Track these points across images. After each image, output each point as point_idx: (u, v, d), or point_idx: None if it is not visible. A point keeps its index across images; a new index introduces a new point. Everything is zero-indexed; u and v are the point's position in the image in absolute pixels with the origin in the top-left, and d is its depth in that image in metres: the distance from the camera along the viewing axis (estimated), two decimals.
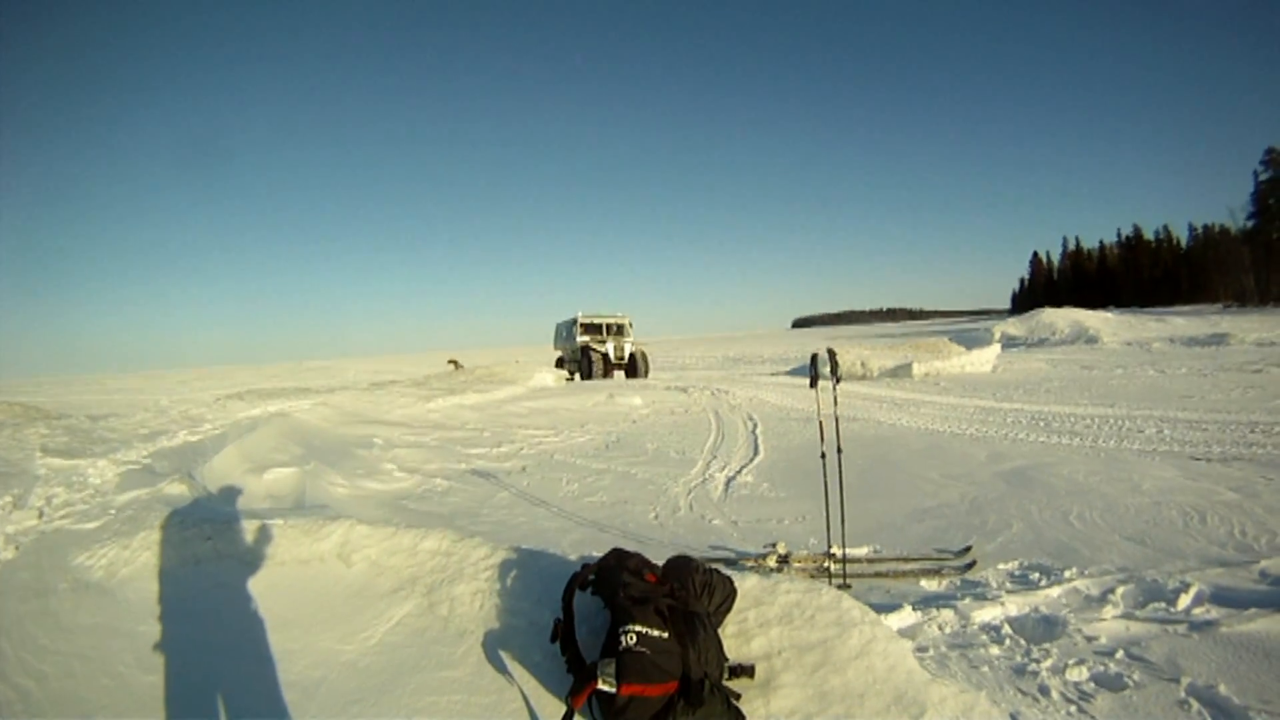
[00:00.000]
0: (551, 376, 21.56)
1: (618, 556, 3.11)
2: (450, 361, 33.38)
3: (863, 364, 20.29)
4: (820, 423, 5.67)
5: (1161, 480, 7.35)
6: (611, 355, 27.99)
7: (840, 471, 5.43)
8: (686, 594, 2.92)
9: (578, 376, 27.61)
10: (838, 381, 5.89)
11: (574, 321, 29.34)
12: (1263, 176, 71.08)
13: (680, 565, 3.09)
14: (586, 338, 28.51)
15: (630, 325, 29.84)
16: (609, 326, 29.29)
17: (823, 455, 5.48)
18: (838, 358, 6.07)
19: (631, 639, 2.61)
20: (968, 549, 5.63)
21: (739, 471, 8.99)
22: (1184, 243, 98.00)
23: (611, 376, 26.65)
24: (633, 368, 28.14)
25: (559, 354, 31.77)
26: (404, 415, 13.47)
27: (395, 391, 16.17)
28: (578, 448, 10.92)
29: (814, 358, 5.84)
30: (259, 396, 14.48)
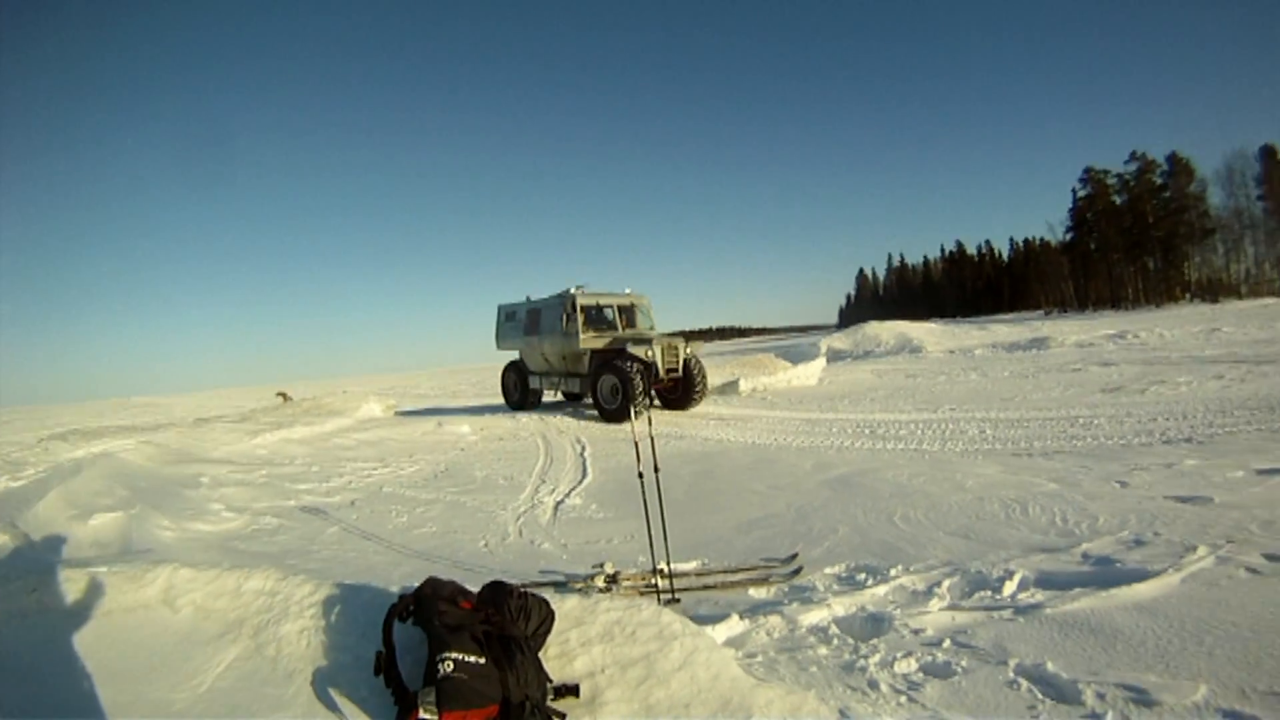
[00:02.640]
0: (379, 406, 20.43)
1: (433, 585, 3.28)
2: (279, 394, 32.19)
3: None
4: (636, 444, 5.92)
5: (984, 477, 8.04)
6: (661, 366, 16.75)
7: (659, 489, 5.80)
8: (503, 619, 3.13)
9: (546, 396, 20.74)
10: (651, 402, 6.12)
11: (560, 303, 18.22)
12: (1081, 193, 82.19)
13: (495, 591, 3.31)
14: (595, 335, 17.85)
15: (652, 311, 19.95)
16: (620, 313, 18.85)
17: (640, 475, 5.66)
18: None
19: (449, 666, 2.76)
20: (794, 556, 5.92)
21: (568, 494, 9.34)
22: (1005, 255, 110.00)
23: (652, 405, 17.02)
24: (686, 388, 17.29)
25: (512, 361, 21.03)
26: (231, 452, 13.27)
27: (222, 427, 15.54)
28: (407, 479, 11.07)
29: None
30: (83, 437, 13.57)
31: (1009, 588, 4.68)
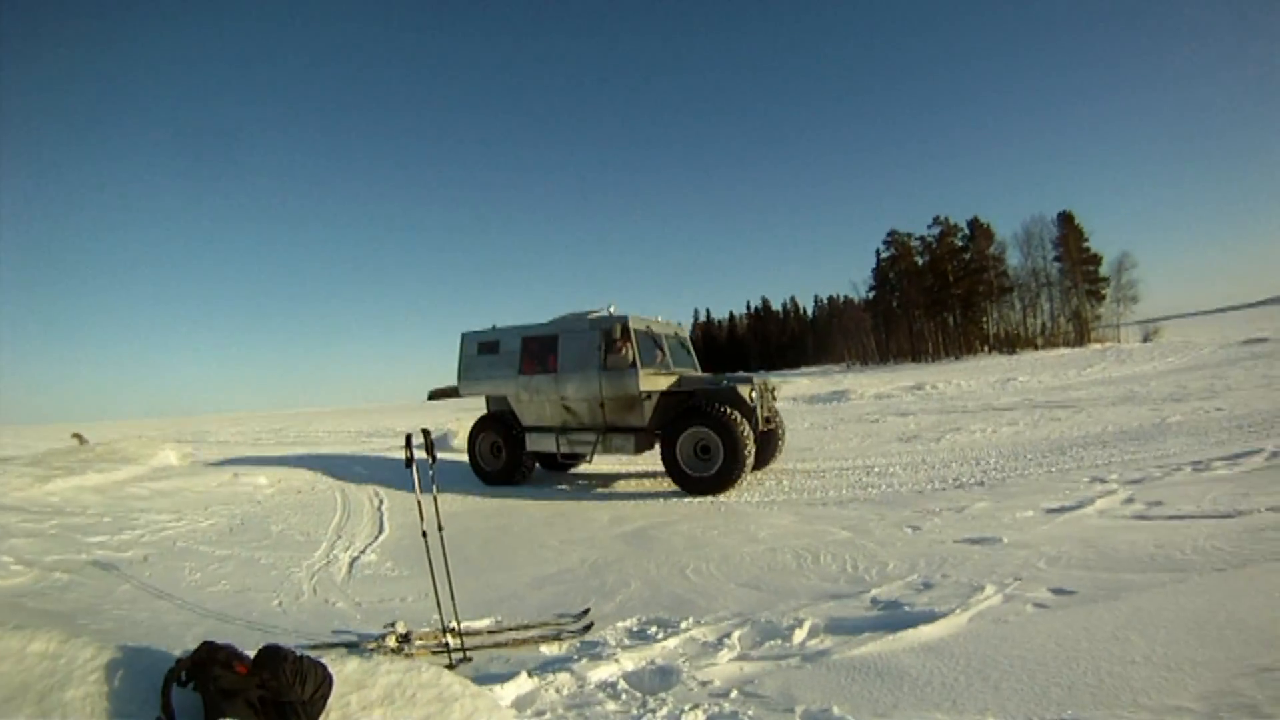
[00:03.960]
0: (175, 454, 18.84)
1: (208, 650, 3.24)
2: (74, 435, 29.22)
3: None
4: (419, 502, 5.87)
5: (778, 527, 8.34)
6: (760, 413, 13.55)
7: (444, 546, 5.79)
8: (279, 683, 3.11)
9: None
10: (434, 461, 5.97)
11: (594, 329, 13.66)
12: (885, 254, 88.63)
13: (271, 655, 3.26)
14: (651, 373, 13.47)
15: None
16: (665, 343, 14.87)
17: (424, 534, 5.70)
18: (463, 430, 6.12)
19: None
20: (586, 611, 5.99)
21: (364, 550, 9.24)
22: (810, 312, 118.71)
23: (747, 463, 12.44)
24: (771, 440, 14.32)
25: (490, 414, 15.53)
26: (20, 499, 12.48)
27: (12, 471, 14.18)
28: (201, 533, 10.66)
29: (408, 438, 5.88)
30: None
31: (798, 636, 4.83)
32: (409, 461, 5.78)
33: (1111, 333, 70.63)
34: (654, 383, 13.19)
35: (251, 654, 3.31)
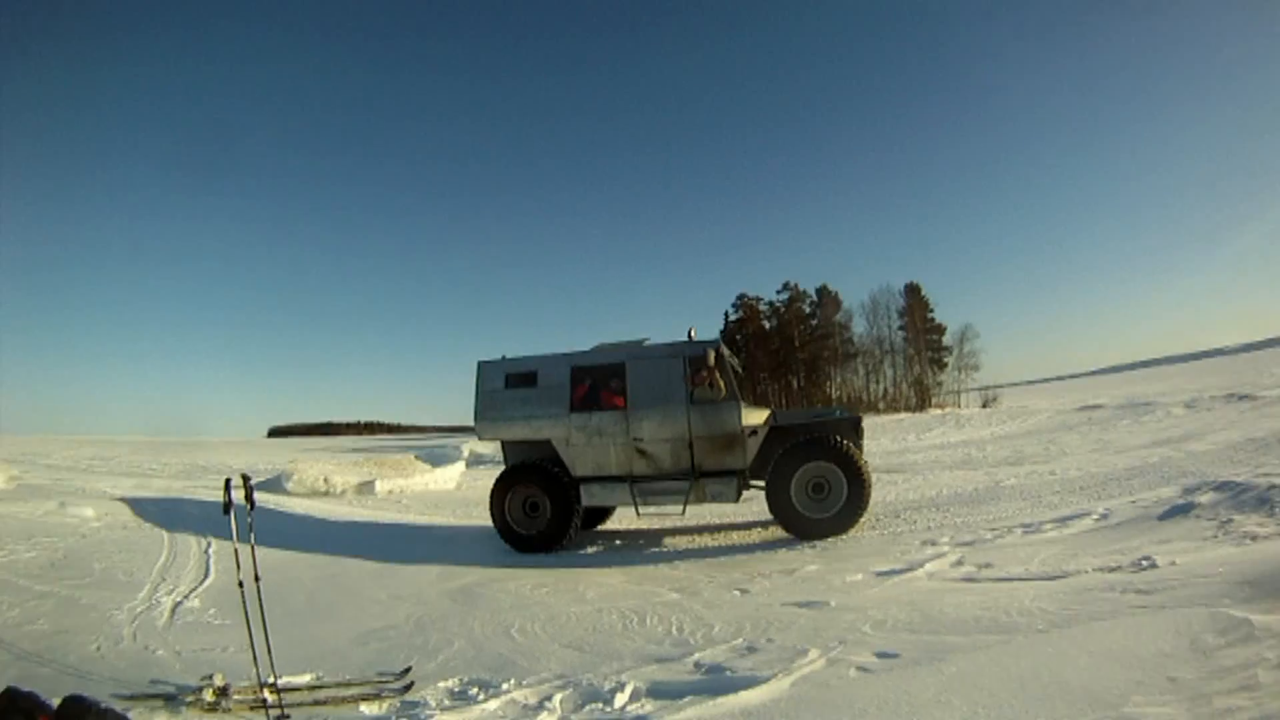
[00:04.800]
0: (3, 476, 17.43)
1: (9, 698, 3.10)
2: None
3: (326, 480, 20.22)
4: (235, 550, 5.63)
5: (607, 587, 8.26)
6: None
7: (260, 598, 5.54)
8: None
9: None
10: (251, 508, 5.68)
11: (677, 356, 11.99)
12: (733, 316, 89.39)
13: (75, 706, 3.15)
14: (752, 409, 12.58)
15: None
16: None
17: (240, 584, 5.45)
18: (301, 472, 5.87)
19: None
20: (407, 670, 5.80)
21: (187, 596, 8.86)
22: None
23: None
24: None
25: (522, 464, 12.53)
26: None
27: None
28: (22, 565, 10.14)
29: (227, 482, 5.61)
30: None
31: (619, 700, 4.71)
32: (227, 507, 5.53)
33: (952, 399, 74.18)
34: (754, 416, 11.92)
35: (56, 703, 3.12)
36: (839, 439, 11.10)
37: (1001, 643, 5.09)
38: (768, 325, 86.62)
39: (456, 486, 22.26)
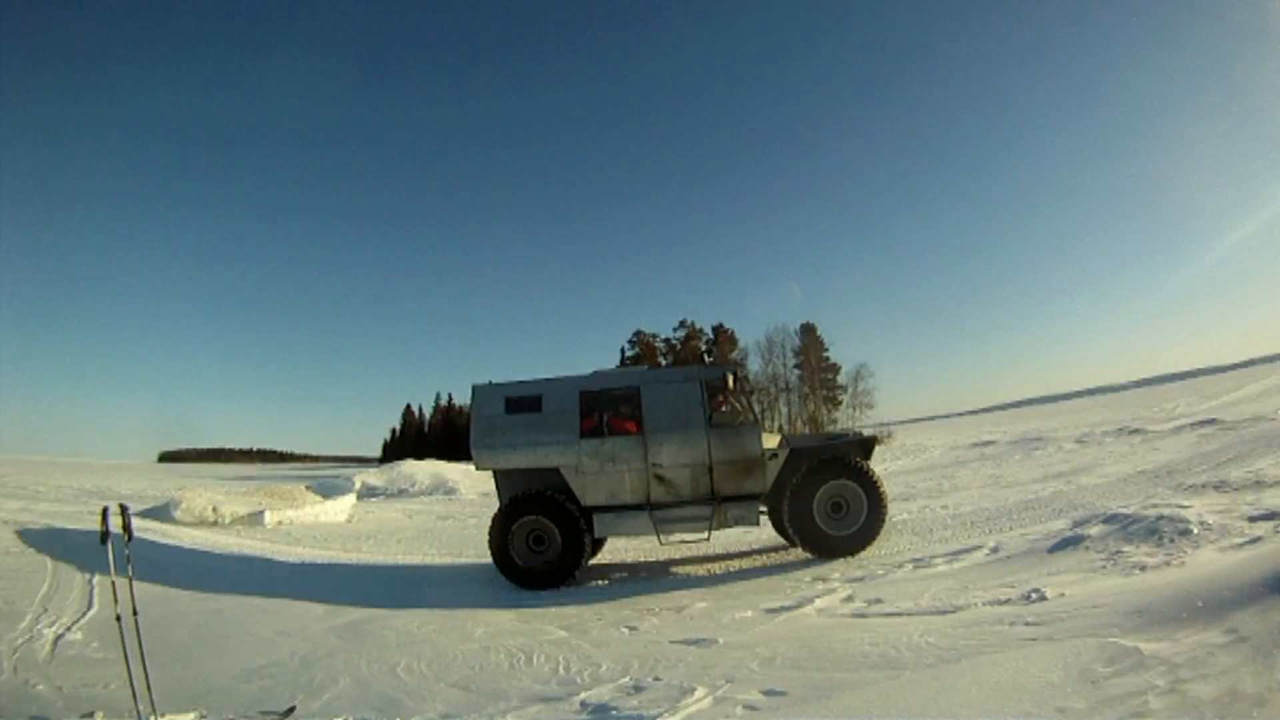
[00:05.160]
0: None
1: None
2: None
3: (215, 509, 19.62)
4: (114, 583, 5.60)
5: (495, 625, 8.13)
6: None
7: (139, 633, 5.39)
8: None
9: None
10: (129, 539, 5.51)
11: (692, 380, 12.07)
12: (629, 353, 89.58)
13: None
14: (769, 433, 13.11)
15: None
16: None
17: (117, 618, 5.30)
18: (189, 500, 5.73)
19: None
20: (292, 710, 5.67)
21: (70, 628, 8.45)
22: None
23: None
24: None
25: (524, 495, 11.70)
26: None
27: None
28: None
29: (104, 511, 5.43)
30: None
31: None
32: (104, 536, 5.35)
33: None
34: (769, 440, 11.81)
35: None
36: (859, 459, 11.33)
37: (889, 678, 5.14)
38: (664, 362, 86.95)
39: (347, 519, 21.86)
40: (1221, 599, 5.26)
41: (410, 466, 40.72)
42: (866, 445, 12.07)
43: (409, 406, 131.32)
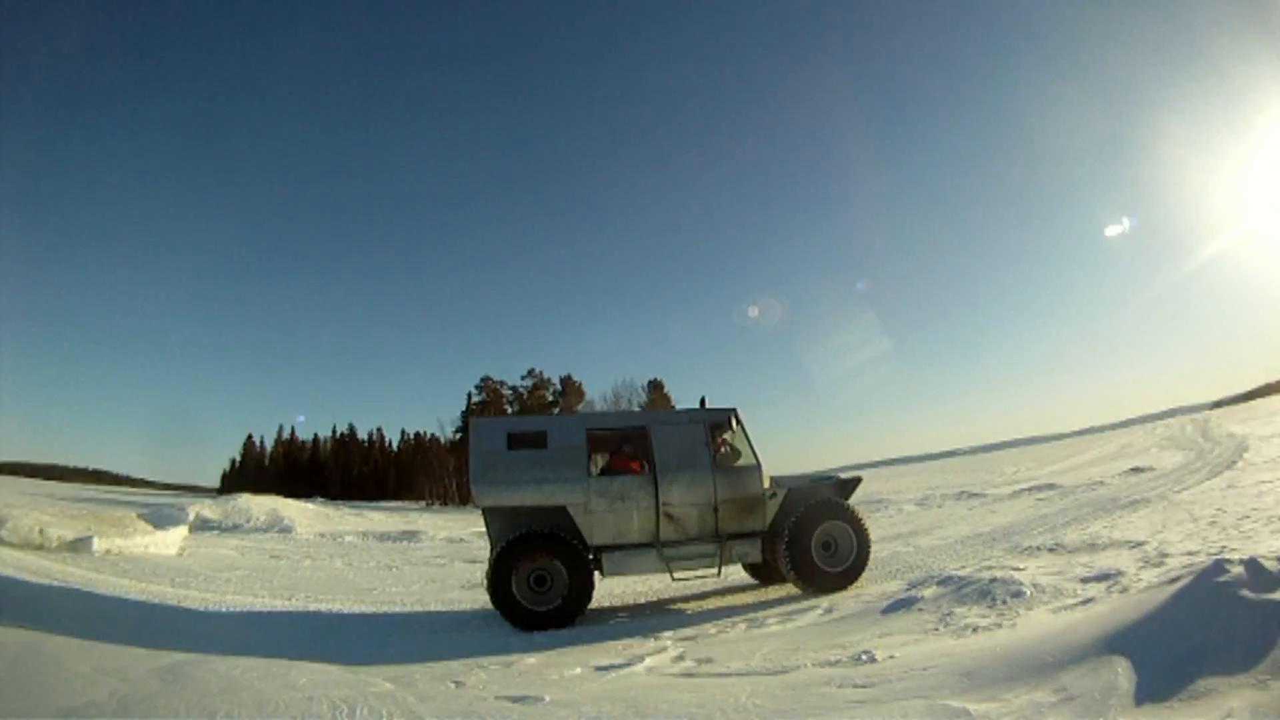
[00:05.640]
0: None
1: None
2: None
3: (42, 531, 18.52)
4: None
5: (319, 674, 7.88)
6: None
7: None
8: None
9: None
10: None
11: (698, 422, 12.64)
12: (476, 398, 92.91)
13: None
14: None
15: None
16: None
17: None
18: (15, 520, 5.48)
19: None
20: None
21: None
22: (395, 445, 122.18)
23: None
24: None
25: (528, 535, 11.41)
26: None
27: None
28: None
29: None
30: None
31: None
32: None
33: None
34: (769, 480, 12.45)
35: None
36: (847, 502, 12.56)
37: None
38: (510, 410, 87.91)
39: (178, 552, 21.02)
40: (1052, 659, 5.52)
41: (247, 500, 39.41)
42: (850, 487, 13.26)
43: (250, 437, 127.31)
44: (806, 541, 11.77)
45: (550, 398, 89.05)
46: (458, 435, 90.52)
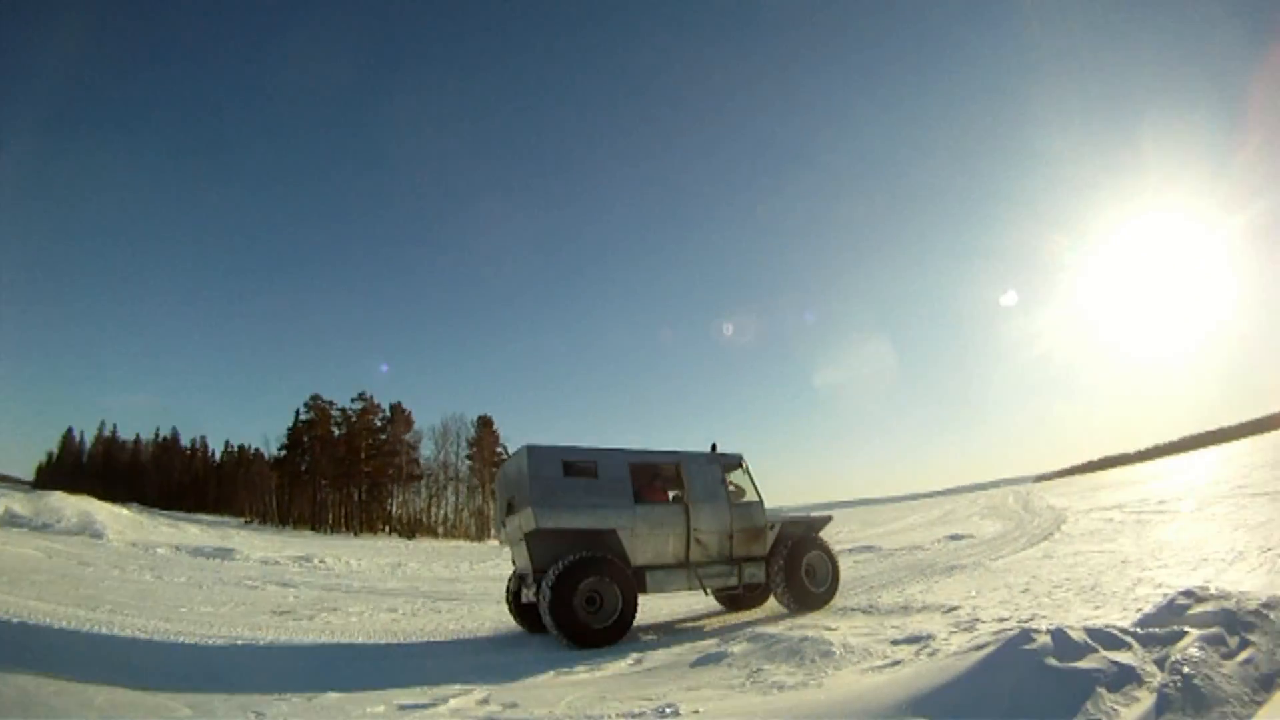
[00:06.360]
0: None
1: None
2: None
3: None
4: None
5: (117, 696, 7.54)
6: None
7: None
8: None
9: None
10: None
11: (714, 463, 14.64)
12: (304, 416, 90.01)
13: None
14: None
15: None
16: None
17: None
18: None
19: None
20: None
21: None
22: (218, 456, 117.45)
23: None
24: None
25: (592, 559, 12.43)
26: None
27: None
28: None
29: None
30: None
31: None
32: None
33: None
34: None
35: None
36: (821, 536, 15.12)
37: None
38: (337, 432, 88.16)
39: None
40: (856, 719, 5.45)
41: (60, 500, 37.78)
42: (821, 523, 15.78)
43: (69, 431, 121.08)
44: (797, 567, 14.06)
45: (379, 423, 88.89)
46: (282, 452, 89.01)
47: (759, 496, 14.72)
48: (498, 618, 15.11)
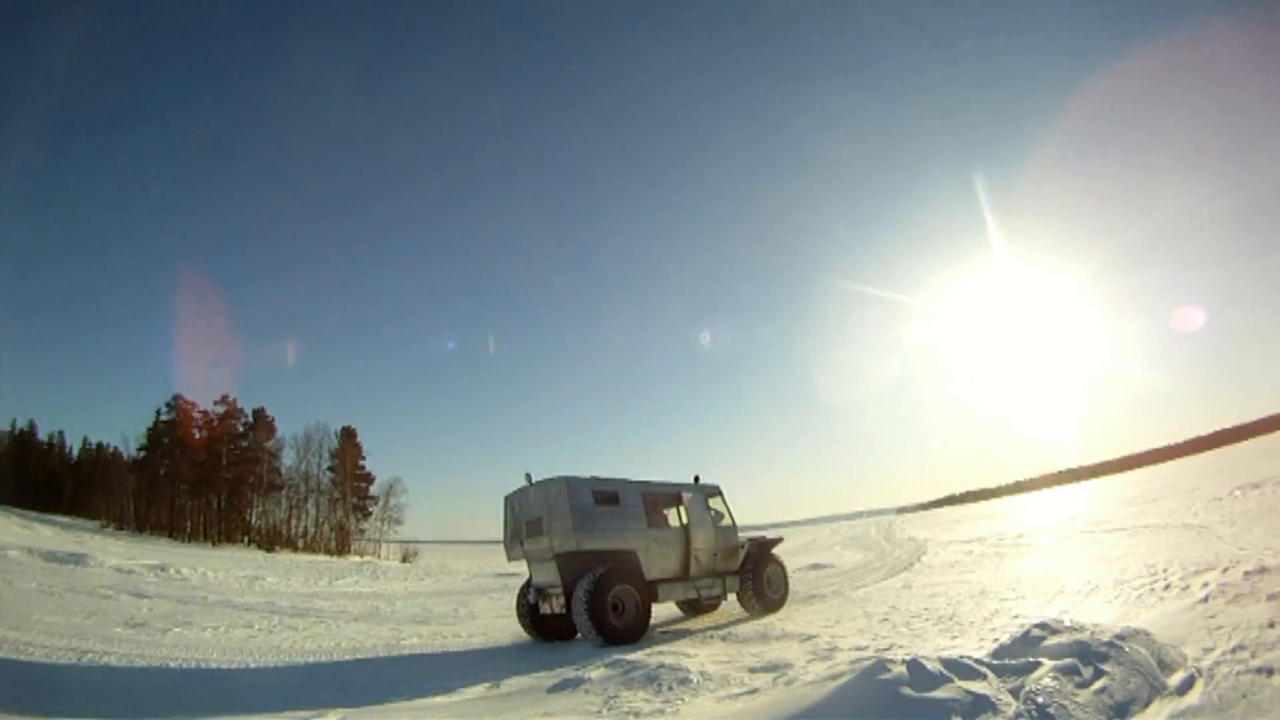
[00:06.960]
0: None
1: None
2: None
3: None
4: None
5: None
6: None
7: None
8: None
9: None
10: None
11: (704, 493, 17.55)
12: (165, 417, 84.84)
13: None
14: None
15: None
16: None
17: None
18: None
19: None
20: None
21: None
22: (75, 453, 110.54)
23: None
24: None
25: (616, 570, 14.50)
26: None
27: None
28: None
29: None
30: None
31: None
32: None
33: (373, 547, 79.79)
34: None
35: None
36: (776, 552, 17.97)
37: None
38: (198, 435, 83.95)
39: None
40: None
41: None
42: (775, 542, 18.26)
43: None
44: (761, 578, 16.79)
45: (240, 429, 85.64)
46: (141, 453, 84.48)
47: (733, 520, 17.51)
48: (355, 637, 15.03)
